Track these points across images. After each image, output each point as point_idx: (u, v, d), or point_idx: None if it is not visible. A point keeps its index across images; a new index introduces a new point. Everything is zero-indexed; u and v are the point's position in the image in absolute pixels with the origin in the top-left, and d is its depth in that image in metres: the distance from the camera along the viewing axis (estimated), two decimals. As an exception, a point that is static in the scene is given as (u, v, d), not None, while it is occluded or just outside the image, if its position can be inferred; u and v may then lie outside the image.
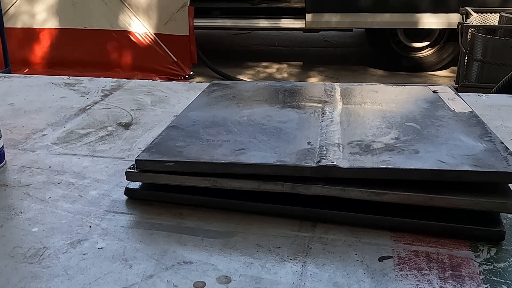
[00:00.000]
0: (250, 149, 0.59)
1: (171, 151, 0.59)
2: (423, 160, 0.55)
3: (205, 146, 0.60)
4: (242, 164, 0.55)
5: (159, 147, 0.61)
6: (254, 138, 0.62)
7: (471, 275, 0.46)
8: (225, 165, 0.56)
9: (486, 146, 0.58)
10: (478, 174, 0.52)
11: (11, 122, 0.84)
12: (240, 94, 0.81)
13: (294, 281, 0.45)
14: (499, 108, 0.90)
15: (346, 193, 0.54)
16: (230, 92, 0.82)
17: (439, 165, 0.54)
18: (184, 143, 0.61)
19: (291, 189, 0.55)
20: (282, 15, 4.24)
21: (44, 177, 0.65)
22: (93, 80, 1.08)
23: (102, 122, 0.84)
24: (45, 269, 0.47)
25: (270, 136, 0.63)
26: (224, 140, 0.61)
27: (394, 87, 0.85)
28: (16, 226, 0.54)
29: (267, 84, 0.88)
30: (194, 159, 0.57)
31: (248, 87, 0.85)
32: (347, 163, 0.55)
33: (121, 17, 4.19)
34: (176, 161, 0.57)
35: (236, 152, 0.58)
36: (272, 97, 0.79)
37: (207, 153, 0.58)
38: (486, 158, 0.55)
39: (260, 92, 0.82)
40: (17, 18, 4.27)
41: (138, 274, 0.46)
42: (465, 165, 0.53)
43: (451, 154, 0.56)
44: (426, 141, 0.60)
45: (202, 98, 0.79)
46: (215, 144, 0.60)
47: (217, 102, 0.77)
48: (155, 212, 0.57)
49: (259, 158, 0.56)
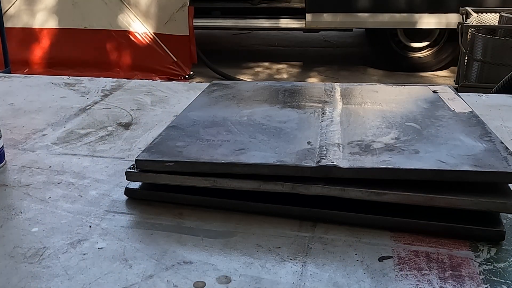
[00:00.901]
0: (250, 149, 0.59)
1: (171, 151, 0.59)
2: (423, 160, 0.55)
3: (205, 146, 0.60)
4: (242, 164, 0.55)
5: (159, 147, 0.61)
6: (254, 138, 0.62)
7: (471, 275, 0.46)
8: (225, 165, 0.56)
9: (486, 146, 0.58)
10: (478, 174, 0.52)
11: (11, 122, 0.84)
12: (240, 94, 0.81)
13: (294, 281, 0.45)
14: (499, 108, 0.90)
15: (346, 193, 0.54)
16: (230, 92, 0.82)
17: (439, 165, 0.53)
18: (184, 143, 0.61)
19: (291, 189, 0.55)
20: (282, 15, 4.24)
21: (44, 177, 0.65)
22: (93, 80, 1.08)
23: (102, 122, 0.84)
24: (45, 269, 0.47)
25: (270, 136, 0.63)
26: (224, 140, 0.61)
27: (394, 87, 0.85)
28: (16, 226, 0.54)
29: (267, 84, 0.87)
30: (194, 159, 0.57)
31: (248, 87, 0.85)
32: (347, 163, 0.55)
33: (121, 17, 4.19)
34: (176, 161, 0.57)
35: (236, 152, 0.58)
36: (272, 97, 0.79)
37: (207, 153, 0.58)
38: (486, 158, 0.55)
39: (260, 92, 0.82)
40: (17, 18, 4.27)
41: (138, 274, 0.46)
42: (465, 165, 0.53)
43: (451, 154, 0.56)
44: (426, 141, 0.60)
45: (202, 98, 0.79)
46: (215, 144, 0.60)
47: (217, 102, 0.77)
48: (155, 212, 0.57)
49: (259, 158, 0.56)
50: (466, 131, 0.63)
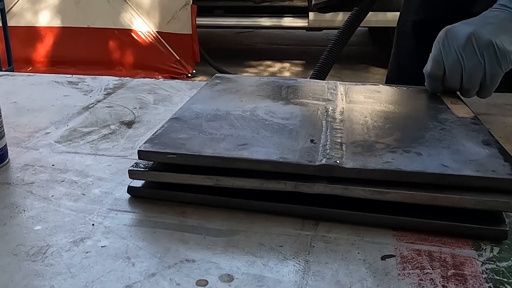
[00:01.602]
0: (253, 144, 0.59)
1: (173, 143, 0.59)
2: (426, 163, 0.55)
3: (207, 139, 0.60)
4: (245, 160, 0.55)
5: (161, 138, 0.61)
6: (257, 134, 0.62)
7: (474, 274, 0.46)
8: (228, 160, 0.56)
9: (488, 151, 0.58)
10: (480, 180, 0.52)
11: (14, 121, 0.84)
12: (243, 89, 0.81)
13: (296, 279, 0.46)
14: (501, 108, 0.89)
15: (348, 192, 0.54)
16: (233, 86, 0.82)
17: (441, 169, 0.53)
18: (187, 135, 0.61)
19: (294, 188, 0.55)
20: (285, 13, 4.24)
21: (47, 175, 0.65)
22: (96, 79, 1.08)
23: (105, 121, 0.84)
24: (48, 267, 0.47)
25: (273, 132, 0.63)
26: (227, 135, 0.61)
27: (397, 88, 0.84)
28: (19, 224, 0.54)
29: (270, 79, 0.87)
30: (196, 152, 0.57)
31: (251, 82, 0.85)
32: (350, 163, 0.55)
33: (124, 16, 4.20)
34: (179, 154, 0.57)
35: (239, 147, 0.58)
36: (275, 93, 0.79)
37: (209, 147, 0.58)
38: (488, 163, 0.55)
39: (263, 87, 0.82)
40: (20, 16, 4.28)
41: (140, 272, 0.46)
42: (467, 170, 0.53)
43: (454, 158, 0.56)
44: (429, 144, 0.60)
45: (205, 91, 0.79)
46: (218, 138, 0.60)
47: (220, 95, 0.77)
48: (158, 210, 0.57)
49: (262, 154, 0.56)
50: (469, 136, 0.63)
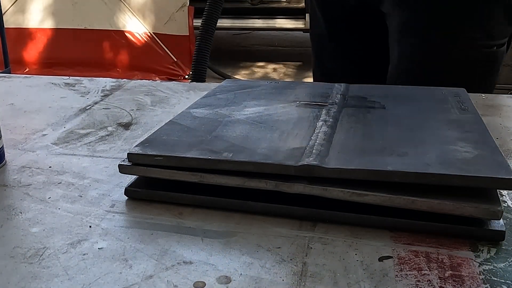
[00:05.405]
0: (242, 146, 0.59)
1: (163, 145, 0.61)
2: (409, 163, 0.54)
3: (197, 142, 0.61)
4: (228, 161, 0.57)
5: (152, 141, 0.62)
6: (248, 136, 0.63)
7: (471, 275, 0.46)
8: (212, 161, 0.57)
9: (481, 151, 0.57)
10: (462, 179, 0.51)
11: (11, 122, 0.84)
12: (251, 92, 0.82)
13: (294, 281, 0.45)
14: (499, 108, 0.90)
15: (328, 193, 0.54)
16: (240, 90, 0.83)
17: (424, 168, 0.53)
18: (178, 138, 0.63)
19: (275, 187, 0.56)
20: (282, 15, 4.24)
21: (44, 177, 0.65)
22: (93, 80, 1.08)
23: (102, 122, 0.84)
24: (45, 269, 0.47)
25: (265, 134, 0.63)
26: (217, 137, 0.63)
27: (394, 88, 0.85)
28: (16, 226, 0.54)
29: (280, 83, 0.88)
30: (182, 154, 0.58)
31: (260, 85, 0.86)
32: (331, 163, 0.55)
33: (120, 17, 4.19)
34: (165, 156, 0.58)
35: (226, 149, 0.59)
36: (279, 96, 0.80)
37: (197, 149, 0.59)
38: (477, 163, 0.54)
39: (269, 91, 0.83)
40: (17, 18, 4.27)
41: (138, 274, 0.46)
42: (452, 168, 0.52)
43: (442, 157, 0.55)
44: (418, 143, 0.59)
45: (210, 95, 0.81)
46: (207, 141, 0.62)
47: (221, 99, 0.78)
48: (155, 212, 0.57)
49: (247, 155, 0.57)
50: (464, 134, 0.62)
